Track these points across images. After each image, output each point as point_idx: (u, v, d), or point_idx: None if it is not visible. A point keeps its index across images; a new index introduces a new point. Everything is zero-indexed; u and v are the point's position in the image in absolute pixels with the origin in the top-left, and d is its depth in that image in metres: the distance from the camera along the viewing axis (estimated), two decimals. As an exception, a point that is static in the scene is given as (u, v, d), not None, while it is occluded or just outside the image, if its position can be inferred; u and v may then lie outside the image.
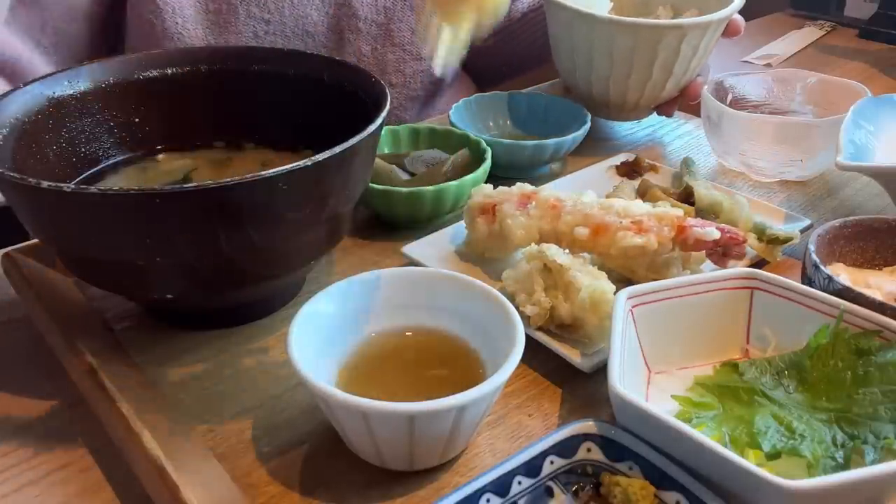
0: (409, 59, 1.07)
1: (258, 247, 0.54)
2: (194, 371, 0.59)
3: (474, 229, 0.68)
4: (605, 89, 0.91)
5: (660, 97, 0.93)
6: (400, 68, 1.08)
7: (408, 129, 0.85)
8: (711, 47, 0.91)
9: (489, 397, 0.48)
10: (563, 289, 0.58)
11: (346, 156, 0.54)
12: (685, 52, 0.86)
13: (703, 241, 0.61)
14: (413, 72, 1.09)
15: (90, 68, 0.67)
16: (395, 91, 1.08)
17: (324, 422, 0.53)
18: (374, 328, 0.56)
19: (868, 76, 1.26)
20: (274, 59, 0.72)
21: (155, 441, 0.48)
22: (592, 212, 0.64)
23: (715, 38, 0.89)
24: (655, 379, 0.56)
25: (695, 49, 0.87)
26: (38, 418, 0.56)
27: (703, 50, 0.88)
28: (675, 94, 0.94)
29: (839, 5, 1.54)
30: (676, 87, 0.92)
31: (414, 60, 1.08)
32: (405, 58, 1.07)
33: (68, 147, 0.66)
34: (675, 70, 0.88)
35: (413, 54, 1.07)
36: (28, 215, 0.55)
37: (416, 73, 1.09)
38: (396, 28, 1.05)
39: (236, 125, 0.73)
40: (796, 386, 0.52)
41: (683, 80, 0.91)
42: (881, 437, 0.47)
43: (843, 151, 0.71)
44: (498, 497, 0.44)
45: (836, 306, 0.53)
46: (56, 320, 0.60)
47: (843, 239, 0.64)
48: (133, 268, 0.54)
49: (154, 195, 0.49)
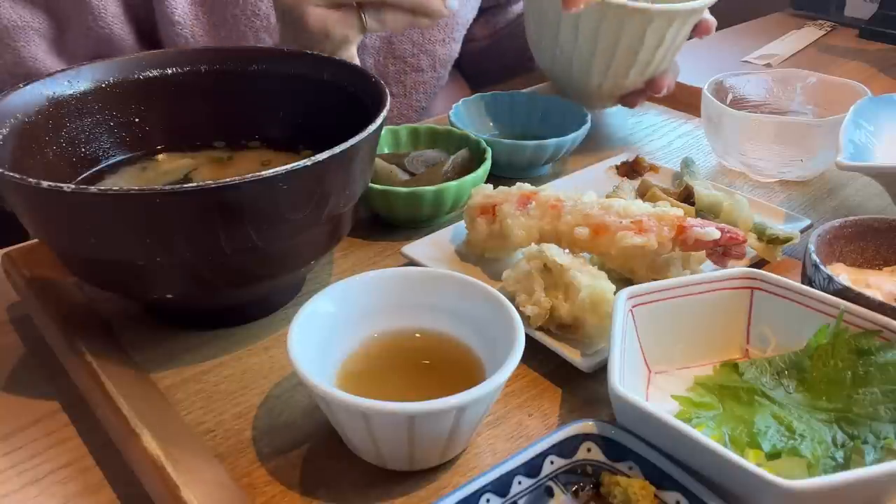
0: (410, 71, 1.09)
1: (258, 247, 0.54)
2: (194, 371, 0.59)
3: (474, 229, 0.68)
4: (567, 69, 0.91)
5: (623, 85, 0.92)
6: (400, 79, 1.09)
7: (408, 129, 0.85)
8: (679, 43, 0.90)
9: (489, 397, 0.48)
10: (563, 289, 0.58)
11: (346, 156, 0.54)
12: (650, 39, 0.84)
13: (703, 241, 0.61)
14: (413, 83, 1.10)
15: (90, 68, 0.67)
16: (394, 101, 1.08)
17: (324, 422, 0.53)
18: (374, 328, 0.56)
19: (868, 76, 1.26)
20: (274, 59, 0.72)
21: (155, 441, 0.48)
22: (592, 212, 0.64)
23: (683, 32, 0.88)
24: (655, 379, 0.56)
25: (660, 39, 0.85)
26: (38, 418, 0.56)
27: (670, 42, 0.87)
28: (640, 86, 0.93)
29: (839, 5, 1.54)
30: (640, 76, 0.91)
31: (414, 72, 1.09)
32: (405, 69, 1.08)
33: (68, 147, 0.66)
34: (640, 58, 0.87)
35: (413, 66, 1.08)
36: (28, 215, 0.55)
37: (417, 84, 1.10)
38: (397, 40, 1.06)
39: (236, 125, 0.73)
40: (796, 386, 0.52)
41: (648, 71, 0.90)
42: (881, 437, 0.47)
43: (843, 151, 0.71)
44: (498, 497, 0.44)
45: (836, 306, 0.53)
46: (56, 320, 0.60)
47: (843, 239, 0.64)
48: (133, 268, 0.54)
49: (154, 195, 0.49)
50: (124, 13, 0.92)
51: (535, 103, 0.95)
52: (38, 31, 0.90)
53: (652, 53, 0.88)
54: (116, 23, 0.91)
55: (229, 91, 0.72)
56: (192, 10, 0.92)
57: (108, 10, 0.90)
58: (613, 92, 0.94)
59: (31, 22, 0.89)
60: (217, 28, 0.94)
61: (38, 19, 0.89)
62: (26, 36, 0.89)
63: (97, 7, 0.89)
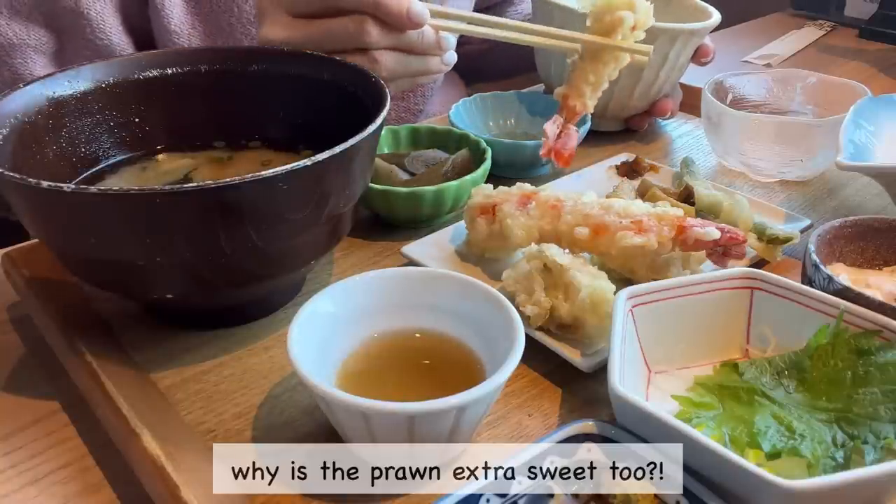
0: None
1: (258, 247, 0.54)
2: (194, 371, 0.59)
3: (474, 229, 0.68)
4: None
5: (628, 105, 0.94)
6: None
7: (408, 129, 0.85)
8: (682, 64, 0.92)
9: (489, 397, 0.48)
10: (563, 289, 0.58)
11: (346, 156, 0.54)
12: (654, 57, 0.85)
13: (703, 241, 0.61)
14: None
15: (90, 68, 0.67)
16: (393, 104, 1.08)
17: (324, 422, 0.53)
18: (374, 328, 0.56)
19: (868, 76, 1.26)
20: (274, 59, 0.72)
21: (155, 441, 0.48)
22: (592, 212, 0.64)
23: (685, 52, 0.90)
24: (655, 379, 0.56)
25: (664, 57, 0.88)
26: (38, 418, 0.56)
27: (673, 61, 0.89)
28: (645, 107, 0.95)
29: (839, 5, 1.54)
30: (645, 97, 0.93)
31: None
32: None
33: (68, 147, 0.66)
34: (644, 76, 0.89)
35: None
36: (28, 215, 0.55)
37: (416, 87, 1.09)
38: None
39: (236, 125, 0.73)
40: (796, 386, 0.52)
41: (652, 92, 0.92)
42: (881, 437, 0.47)
43: (843, 151, 0.71)
44: (498, 497, 0.44)
45: (836, 306, 0.53)
46: (56, 320, 0.60)
47: (843, 239, 0.64)
48: (133, 268, 0.53)
49: (154, 195, 0.49)
50: (122, 23, 0.92)
51: (534, 103, 0.95)
52: (35, 48, 0.90)
53: (656, 73, 0.89)
54: (115, 33, 0.91)
55: (229, 91, 0.72)
56: (188, 20, 0.93)
57: (107, 21, 0.90)
58: (619, 114, 0.96)
59: (27, 39, 0.89)
60: (213, 36, 0.94)
61: (35, 35, 0.90)
62: (23, 53, 0.90)
63: (95, 19, 0.89)
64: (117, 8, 0.91)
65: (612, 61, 0.74)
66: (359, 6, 0.70)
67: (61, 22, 0.90)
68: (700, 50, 0.92)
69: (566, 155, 0.76)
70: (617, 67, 0.75)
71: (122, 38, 0.92)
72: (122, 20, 0.92)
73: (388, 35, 0.71)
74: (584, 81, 0.75)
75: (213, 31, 0.94)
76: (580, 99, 0.75)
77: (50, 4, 0.88)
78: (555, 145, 0.75)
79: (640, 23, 0.73)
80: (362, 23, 0.70)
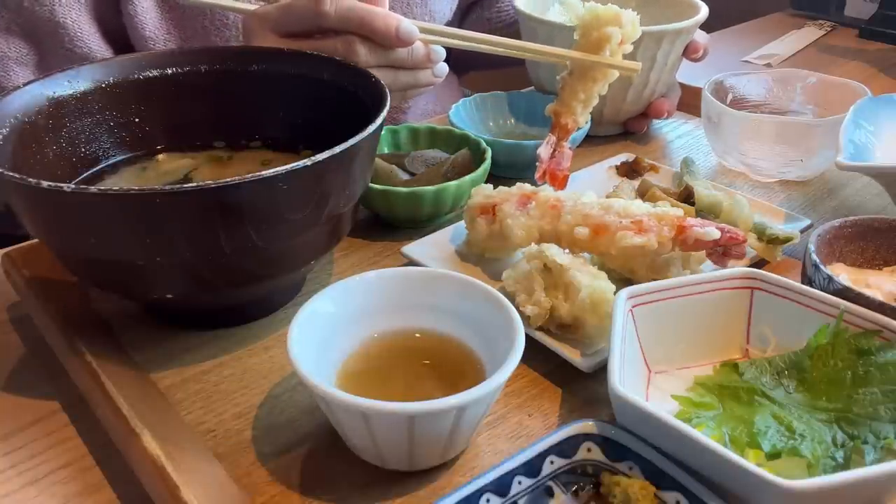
0: None
1: (258, 247, 0.54)
2: (194, 371, 0.59)
3: (474, 229, 0.68)
4: None
5: (623, 109, 0.94)
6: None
7: (408, 129, 0.85)
8: (672, 63, 0.91)
9: (489, 397, 0.48)
10: (563, 289, 0.58)
11: (346, 156, 0.54)
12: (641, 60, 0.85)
13: (703, 241, 0.61)
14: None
15: (90, 68, 0.67)
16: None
17: (324, 422, 0.53)
18: (374, 328, 0.56)
19: (868, 76, 1.26)
20: (274, 59, 0.72)
21: (155, 441, 0.48)
22: (592, 212, 0.64)
23: (674, 52, 0.90)
24: (655, 379, 0.56)
25: (652, 59, 0.88)
26: (38, 418, 0.56)
27: (662, 63, 0.89)
28: (641, 109, 0.95)
29: (839, 5, 1.54)
30: (638, 100, 0.93)
31: None
32: None
33: (68, 147, 0.66)
34: (635, 81, 0.89)
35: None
36: (28, 215, 0.55)
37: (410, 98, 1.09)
38: None
39: (236, 125, 0.73)
40: (796, 386, 0.52)
41: (645, 94, 0.92)
42: (881, 437, 0.47)
43: (843, 151, 0.71)
44: (498, 497, 0.44)
45: (836, 306, 0.53)
46: (56, 320, 0.60)
47: (843, 239, 0.64)
48: (133, 268, 0.54)
49: (154, 195, 0.49)
50: (99, 31, 0.92)
51: (534, 103, 0.95)
52: (16, 60, 0.91)
53: (646, 76, 0.90)
54: (93, 41, 0.91)
55: (229, 91, 0.72)
56: (163, 25, 0.93)
57: (83, 29, 0.90)
58: (615, 118, 0.96)
59: (7, 52, 0.90)
60: (189, 41, 0.94)
61: (16, 47, 0.90)
62: (5, 66, 0.90)
63: (72, 28, 0.89)
64: (93, 16, 0.91)
65: (601, 78, 0.74)
66: (347, 26, 0.70)
67: (40, 32, 0.90)
68: (690, 46, 0.91)
69: (561, 177, 0.76)
70: (606, 83, 0.75)
71: (101, 45, 0.93)
72: (99, 28, 0.92)
73: (377, 53, 0.72)
74: (574, 99, 0.75)
75: (188, 35, 0.94)
76: (571, 116, 0.75)
77: (27, 15, 0.88)
78: (549, 166, 0.75)
79: (627, 36, 0.73)
80: (351, 43, 0.71)
